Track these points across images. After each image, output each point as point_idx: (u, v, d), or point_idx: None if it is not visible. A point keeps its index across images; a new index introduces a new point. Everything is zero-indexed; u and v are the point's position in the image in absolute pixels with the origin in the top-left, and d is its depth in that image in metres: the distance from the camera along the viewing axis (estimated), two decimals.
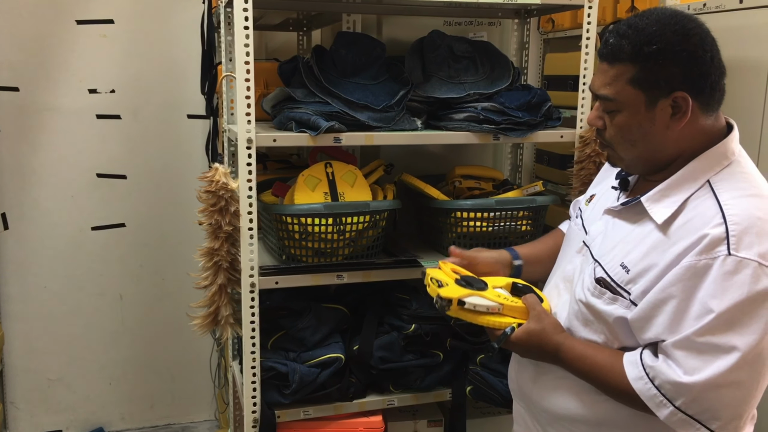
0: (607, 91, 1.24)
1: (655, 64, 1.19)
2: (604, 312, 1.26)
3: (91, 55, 2.93)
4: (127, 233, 3.10)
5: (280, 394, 1.88)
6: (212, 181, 1.71)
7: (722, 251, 1.12)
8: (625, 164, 1.33)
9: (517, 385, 1.49)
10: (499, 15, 2.30)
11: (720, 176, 1.22)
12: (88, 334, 3.12)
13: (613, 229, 1.33)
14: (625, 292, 1.24)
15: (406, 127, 1.87)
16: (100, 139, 3.00)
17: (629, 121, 1.24)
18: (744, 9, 2.05)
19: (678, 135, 1.23)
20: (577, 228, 1.48)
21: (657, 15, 1.21)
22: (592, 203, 1.48)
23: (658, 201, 1.24)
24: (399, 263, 1.90)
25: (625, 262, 1.25)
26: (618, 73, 1.22)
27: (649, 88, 1.21)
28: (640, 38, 1.19)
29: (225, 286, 1.80)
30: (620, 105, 1.24)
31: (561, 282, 1.44)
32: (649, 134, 1.24)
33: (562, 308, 1.40)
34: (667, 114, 1.21)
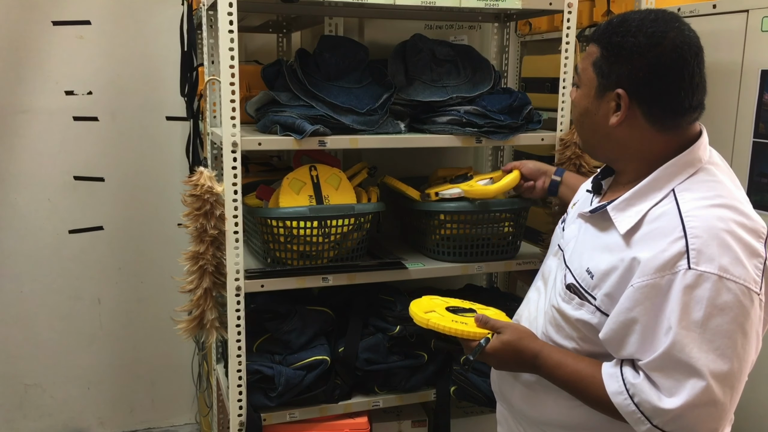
0: (579, 64, 1.31)
1: (613, 56, 1.22)
2: (572, 317, 1.28)
3: (68, 57, 2.90)
4: (105, 236, 3.08)
5: (265, 397, 1.88)
6: (197, 185, 1.71)
7: (683, 266, 1.12)
8: (583, 147, 1.39)
9: (499, 388, 1.51)
10: (480, 19, 2.33)
11: (685, 185, 1.21)
12: (65, 338, 3.09)
13: (584, 234, 1.35)
14: (590, 297, 1.25)
15: (389, 130, 1.88)
16: (77, 142, 2.97)
17: (581, 100, 1.31)
18: (717, 14, 2.10)
19: (622, 134, 1.25)
20: (558, 230, 1.51)
21: (647, 14, 1.22)
22: (574, 208, 1.51)
23: (623, 210, 1.25)
24: (384, 265, 1.92)
25: (590, 267, 1.26)
26: (590, 51, 1.28)
27: (602, 76, 1.25)
28: (618, 28, 1.23)
29: (210, 290, 1.80)
30: (580, 81, 1.31)
31: (541, 283, 1.47)
32: (594, 120, 1.28)
33: (540, 313, 1.41)
34: (610, 108, 1.25)
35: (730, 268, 1.11)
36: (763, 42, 1.91)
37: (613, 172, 1.39)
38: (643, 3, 2.41)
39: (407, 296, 2.04)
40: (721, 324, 1.11)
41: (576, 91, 1.33)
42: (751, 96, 1.93)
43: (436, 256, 2.00)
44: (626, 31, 1.21)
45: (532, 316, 1.44)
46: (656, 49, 1.19)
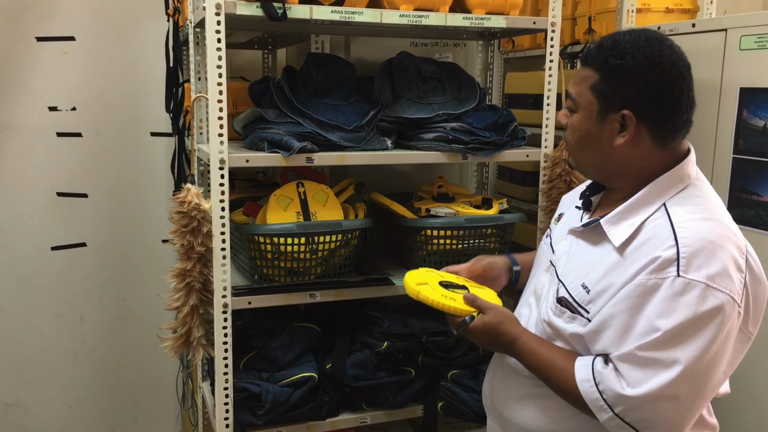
0: (572, 90, 1.32)
1: (615, 78, 1.24)
2: (563, 330, 1.31)
3: (52, 73, 2.88)
4: (88, 253, 3.05)
5: (252, 414, 1.87)
6: (184, 201, 1.71)
7: (672, 272, 1.16)
8: (577, 167, 1.39)
9: (491, 401, 1.52)
10: (464, 37, 2.36)
11: (675, 200, 1.26)
12: (47, 356, 3.05)
13: (576, 250, 1.37)
14: (584, 311, 1.28)
15: (376, 147, 1.90)
16: (60, 158, 2.95)
17: (582, 124, 1.31)
18: (697, 33, 2.14)
19: (626, 153, 1.28)
20: (546, 247, 1.53)
21: (637, 35, 1.26)
22: (561, 222, 1.53)
23: (616, 224, 1.28)
24: (371, 281, 1.92)
25: (585, 282, 1.29)
26: (585, 75, 1.29)
27: (604, 99, 1.26)
28: (613, 51, 1.25)
29: (197, 307, 1.79)
30: (578, 106, 1.31)
31: (533, 300, 1.48)
32: (596, 143, 1.29)
33: (532, 327, 1.42)
34: (614, 129, 1.27)
35: (717, 278, 1.15)
36: (742, 60, 1.95)
37: (602, 188, 1.41)
38: (624, 22, 2.46)
39: (394, 312, 2.05)
40: (699, 328, 1.14)
41: (570, 116, 1.34)
42: (730, 113, 1.97)
43: None
44: (623, 53, 1.24)
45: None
46: (657, 68, 1.22)
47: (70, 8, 2.87)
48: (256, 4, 1.69)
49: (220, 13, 1.65)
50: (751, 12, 1.98)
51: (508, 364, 1.44)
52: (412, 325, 1.98)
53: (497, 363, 1.52)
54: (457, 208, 1.99)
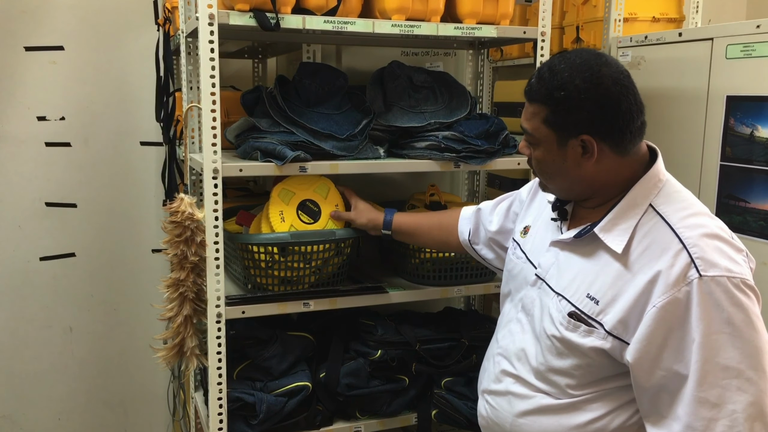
0: (527, 126, 1.35)
1: (563, 109, 1.27)
2: (580, 344, 1.29)
3: (40, 82, 2.87)
4: (77, 263, 3.03)
5: (246, 424, 1.87)
6: (177, 211, 1.71)
7: (693, 275, 1.17)
8: (551, 191, 1.42)
9: (493, 422, 1.47)
10: (455, 46, 2.38)
11: (660, 199, 1.29)
12: (35, 367, 3.02)
13: (566, 261, 1.37)
14: (597, 323, 1.27)
15: (369, 156, 1.90)
16: (49, 167, 2.93)
17: (545, 156, 1.34)
18: (683, 42, 2.17)
19: (593, 171, 1.31)
20: (520, 261, 1.51)
21: (572, 60, 1.28)
22: (531, 236, 1.52)
23: (610, 230, 1.29)
24: (364, 290, 1.93)
25: (591, 293, 1.29)
26: (535, 111, 1.32)
27: (559, 129, 1.29)
28: (553, 83, 1.27)
29: (190, 317, 1.78)
30: (537, 140, 1.34)
31: (522, 315, 1.45)
32: (563, 170, 1.32)
33: (529, 344, 1.40)
34: (577, 153, 1.29)
35: (731, 268, 1.18)
36: (728, 69, 1.98)
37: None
38: (611, 31, 2.49)
39: (388, 320, 2.05)
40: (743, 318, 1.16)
41: (531, 150, 1.37)
42: (717, 121, 2.00)
43: (416, 279, 2.02)
44: (563, 84, 1.26)
45: (518, 347, 1.43)
46: (599, 89, 1.25)
47: (59, 18, 2.86)
48: (249, 15, 1.69)
49: (213, 23, 1.66)
50: (735, 21, 2.01)
51: (509, 381, 1.43)
52: (406, 333, 1.98)
53: (491, 381, 1.49)
54: None
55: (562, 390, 1.34)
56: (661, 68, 2.26)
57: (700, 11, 2.70)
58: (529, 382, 1.39)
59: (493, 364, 1.50)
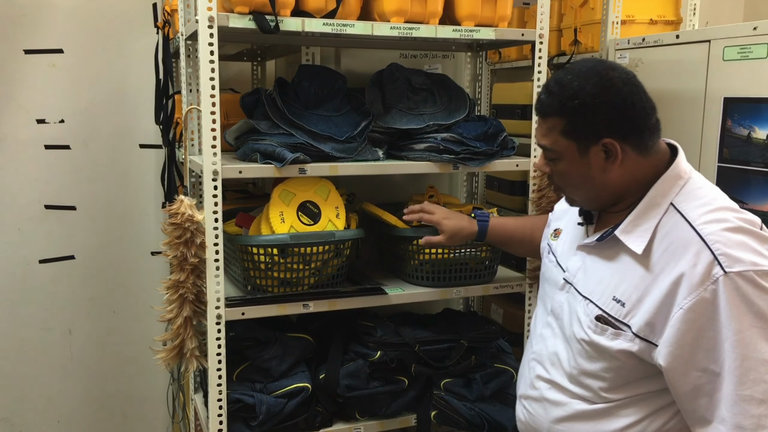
0: (545, 142, 1.36)
1: (580, 117, 1.29)
2: (609, 347, 1.29)
3: (40, 85, 2.88)
4: (76, 266, 3.03)
5: (246, 426, 1.87)
6: (177, 213, 1.71)
7: (718, 272, 1.17)
8: (579, 204, 1.43)
9: (531, 426, 1.49)
10: (453, 48, 2.39)
11: (681, 197, 1.29)
12: (35, 370, 3.02)
13: (592, 264, 1.39)
14: (624, 326, 1.28)
15: (368, 158, 1.91)
16: (48, 170, 2.94)
17: (568, 168, 1.35)
18: (681, 44, 2.18)
19: (618, 174, 1.32)
20: (551, 264, 1.53)
21: (578, 70, 1.31)
22: (561, 238, 1.54)
23: (631, 232, 1.31)
24: (364, 291, 1.93)
25: (617, 296, 1.30)
26: (550, 126, 1.33)
27: (579, 138, 1.31)
28: (564, 94, 1.30)
29: (190, 319, 1.79)
30: (558, 154, 1.35)
31: (552, 319, 1.47)
32: (588, 178, 1.33)
33: (561, 348, 1.42)
34: (600, 158, 1.31)
35: (757, 261, 1.17)
36: (725, 71, 1.99)
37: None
38: (609, 34, 2.50)
39: (387, 322, 2.06)
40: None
41: (550, 165, 1.38)
42: (714, 122, 2.01)
43: (415, 281, 2.02)
44: (575, 92, 1.28)
45: (550, 351, 1.45)
46: (612, 90, 1.28)
47: (59, 21, 2.87)
48: (249, 17, 1.70)
49: (213, 26, 1.67)
50: (732, 23, 2.02)
51: (543, 387, 1.45)
52: (405, 334, 1.99)
53: (527, 386, 1.51)
54: None
55: (596, 394, 1.34)
56: (659, 70, 2.27)
57: (697, 13, 2.71)
58: (564, 387, 1.40)
59: (528, 370, 1.52)
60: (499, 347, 2.15)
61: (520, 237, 1.87)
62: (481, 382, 2.01)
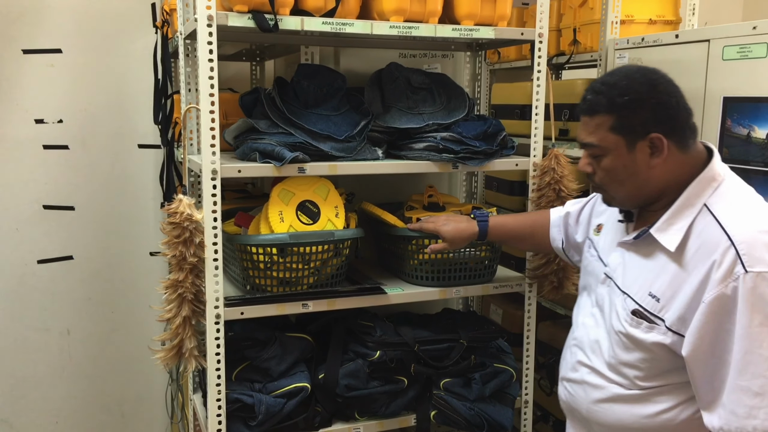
0: (592, 139, 1.40)
1: (629, 112, 1.35)
2: (644, 340, 1.37)
3: (38, 85, 2.87)
4: (74, 266, 3.03)
5: (245, 426, 1.86)
6: (176, 212, 1.70)
7: (740, 271, 1.24)
8: (618, 202, 1.48)
9: (573, 405, 1.57)
10: (452, 48, 2.38)
11: (714, 198, 1.35)
12: (33, 371, 3.02)
13: (630, 261, 1.45)
14: (659, 319, 1.36)
15: (367, 157, 1.91)
16: (46, 170, 2.94)
17: (614, 163, 1.39)
18: (680, 43, 2.18)
19: (660, 170, 1.37)
20: (593, 259, 1.60)
21: (625, 71, 1.38)
22: (603, 234, 1.60)
23: (666, 230, 1.37)
24: (363, 291, 1.93)
25: (652, 291, 1.37)
26: (599, 122, 1.38)
27: (627, 133, 1.36)
28: (613, 92, 1.36)
29: (189, 318, 1.78)
30: (605, 150, 1.40)
31: (596, 310, 1.53)
32: (634, 173, 1.38)
33: (602, 338, 1.49)
34: (646, 154, 1.36)
35: None
36: (725, 70, 1.99)
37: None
38: (608, 34, 2.50)
39: (386, 321, 2.05)
40: None
41: (593, 163, 1.43)
42: (714, 122, 2.00)
43: (414, 281, 2.02)
44: (624, 90, 1.35)
45: (592, 339, 1.52)
46: (658, 88, 1.35)
47: (57, 21, 2.87)
48: (248, 16, 1.70)
49: (212, 24, 1.66)
50: (731, 23, 2.02)
51: (584, 371, 1.51)
52: (404, 334, 1.98)
53: (569, 369, 1.58)
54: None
55: (632, 381, 1.41)
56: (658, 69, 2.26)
57: (696, 13, 2.71)
58: (602, 373, 1.47)
59: (570, 354, 1.59)
60: (498, 347, 2.15)
61: (521, 234, 1.92)
62: (481, 381, 2.01)
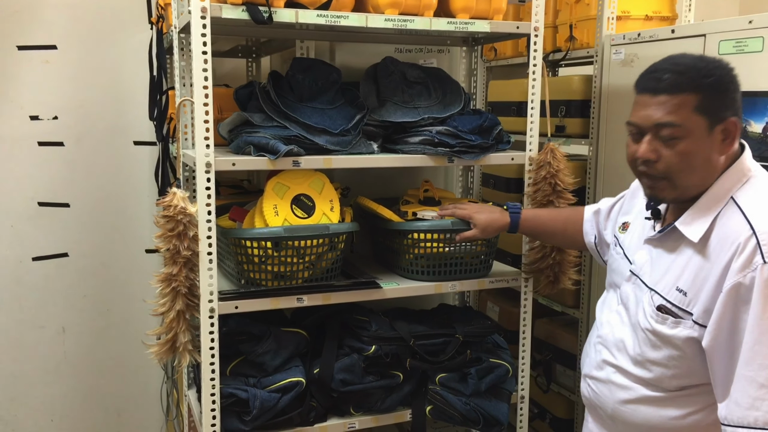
0: (672, 118, 1.31)
1: (715, 93, 1.31)
2: (671, 336, 1.36)
3: (33, 82, 2.86)
4: (70, 263, 3.02)
5: (240, 421, 1.85)
6: (170, 205, 1.70)
7: (758, 261, 1.23)
8: (678, 193, 1.37)
9: (596, 403, 1.54)
10: (448, 43, 2.38)
11: (742, 191, 1.33)
12: (28, 368, 3.00)
13: (657, 258, 1.43)
14: (686, 313, 1.34)
15: (363, 151, 1.90)
16: (41, 167, 2.92)
17: (692, 147, 1.32)
18: (676, 38, 2.18)
19: (724, 159, 1.35)
20: (618, 256, 1.58)
21: (691, 57, 1.35)
22: (629, 232, 1.58)
23: (690, 223, 1.36)
24: (358, 285, 1.92)
25: (679, 285, 1.35)
26: (681, 102, 1.31)
27: (712, 114, 1.31)
28: (696, 72, 1.31)
29: (183, 312, 1.77)
30: (684, 131, 1.31)
31: (622, 308, 1.51)
32: (707, 159, 1.34)
33: (627, 336, 1.47)
34: (719, 140, 1.33)
35: None
36: None
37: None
38: (604, 29, 2.50)
39: (382, 316, 2.05)
40: None
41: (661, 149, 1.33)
42: None
43: (409, 275, 2.01)
44: (707, 71, 1.31)
45: (617, 338, 1.49)
46: (730, 73, 1.34)
47: (52, 17, 2.86)
48: (242, 8, 1.69)
49: (205, 16, 1.65)
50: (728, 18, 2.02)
51: (610, 370, 1.49)
52: (400, 328, 1.98)
53: (593, 367, 1.55)
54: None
55: (659, 381, 1.40)
56: None
57: (692, 9, 2.71)
58: (629, 372, 1.44)
59: (595, 352, 1.56)
60: (494, 342, 2.14)
61: (552, 229, 1.89)
62: (477, 376, 2.00)
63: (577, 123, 2.62)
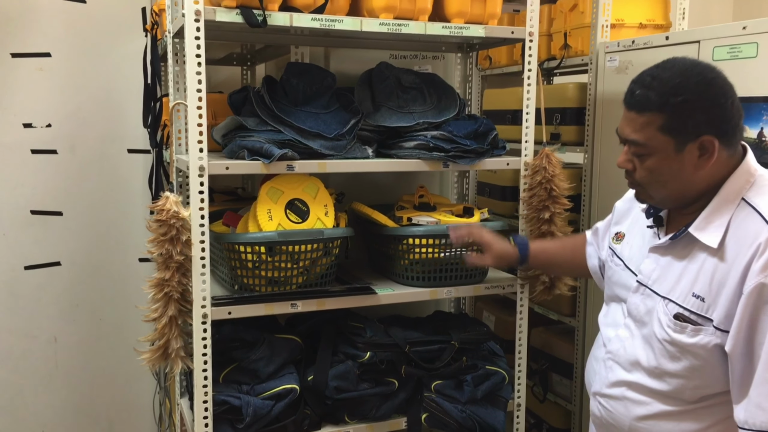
0: (638, 137, 1.32)
1: (682, 113, 1.27)
2: (691, 344, 1.32)
3: (27, 89, 2.85)
4: (62, 272, 2.99)
5: (233, 428, 1.83)
6: (163, 209, 1.68)
7: None
8: (656, 202, 1.40)
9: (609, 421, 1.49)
10: (443, 49, 2.38)
11: (752, 192, 1.31)
12: (19, 379, 2.97)
13: (667, 265, 1.39)
14: (706, 320, 1.30)
15: (357, 155, 1.89)
16: (34, 175, 2.91)
17: (659, 164, 1.32)
18: (670, 45, 2.18)
19: (706, 172, 1.32)
20: (618, 268, 1.53)
21: (679, 66, 1.30)
22: (626, 243, 1.54)
23: (705, 228, 1.32)
24: (353, 291, 1.90)
25: (696, 291, 1.32)
26: (647, 121, 1.30)
27: (678, 134, 1.29)
28: (666, 89, 1.27)
29: (175, 318, 1.75)
30: (650, 149, 1.32)
31: (630, 321, 1.47)
32: (679, 175, 1.32)
33: (640, 349, 1.42)
34: (694, 156, 1.30)
35: None
36: None
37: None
38: (598, 37, 2.51)
39: (377, 322, 2.03)
40: None
41: (636, 161, 1.35)
42: None
43: (405, 281, 2.00)
44: (678, 89, 1.27)
45: (629, 353, 1.45)
46: (713, 89, 1.27)
47: (46, 24, 2.85)
48: (236, 11, 1.69)
49: (199, 20, 1.65)
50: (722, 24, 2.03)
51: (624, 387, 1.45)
52: (395, 334, 1.96)
53: (604, 385, 1.50)
54: (439, 217, 1.99)
55: (678, 394, 1.36)
56: None
57: (686, 17, 2.72)
58: (645, 386, 1.40)
59: (605, 369, 1.50)
60: (490, 349, 2.12)
61: (561, 259, 1.85)
62: (473, 384, 1.98)
63: (572, 130, 2.62)
